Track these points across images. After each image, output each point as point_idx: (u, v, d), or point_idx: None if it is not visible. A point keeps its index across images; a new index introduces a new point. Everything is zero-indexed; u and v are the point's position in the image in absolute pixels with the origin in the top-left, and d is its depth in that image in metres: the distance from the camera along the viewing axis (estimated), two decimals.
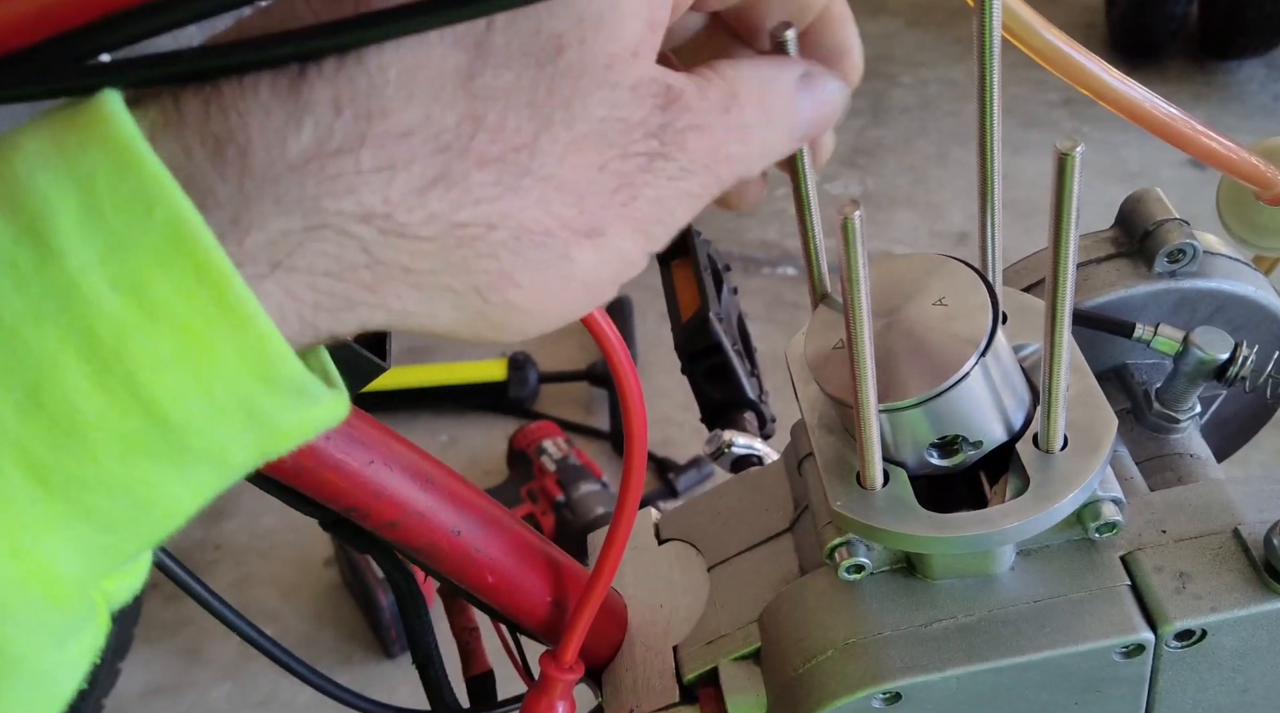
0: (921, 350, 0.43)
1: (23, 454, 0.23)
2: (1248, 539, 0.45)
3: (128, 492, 0.25)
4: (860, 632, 0.47)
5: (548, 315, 0.30)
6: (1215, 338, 0.50)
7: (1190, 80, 2.48)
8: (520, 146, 0.28)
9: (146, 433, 0.24)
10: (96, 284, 0.23)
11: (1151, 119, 0.41)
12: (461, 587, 0.50)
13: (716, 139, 0.31)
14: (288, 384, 0.26)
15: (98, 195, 0.24)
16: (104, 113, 0.24)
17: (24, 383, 0.23)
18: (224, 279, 0.24)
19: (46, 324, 0.23)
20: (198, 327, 0.24)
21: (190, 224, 0.24)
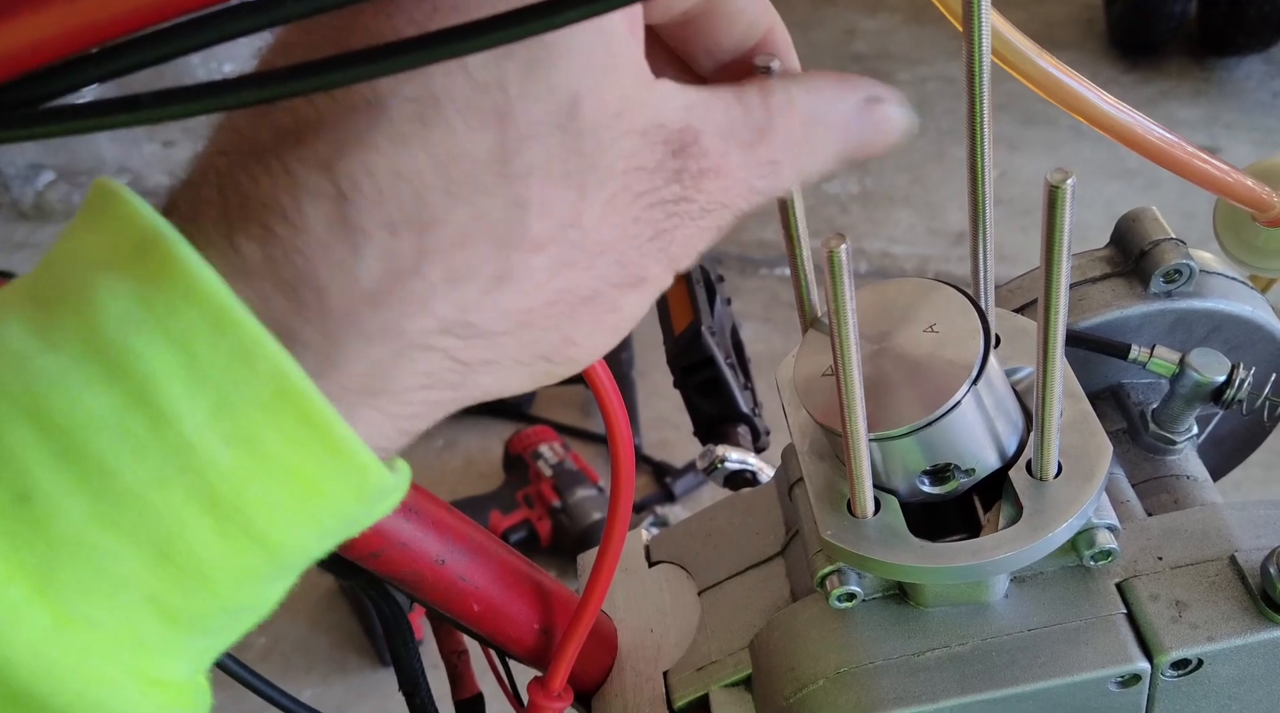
0: (912, 378, 0.42)
1: (155, 603, 0.25)
2: (1244, 567, 0.44)
3: (242, 610, 0.27)
4: (852, 661, 0.46)
5: (601, 353, 0.32)
6: (1212, 360, 0.49)
7: (1189, 77, 2.47)
8: (568, 223, 0.28)
9: (261, 565, 0.26)
10: (211, 443, 0.24)
11: (1145, 143, 0.40)
12: (447, 615, 0.49)
13: (737, 177, 0.31)
14: (383, 494, 0.27)
15: (197, 355, 0.24)
16: (183, 266, 0.24)
17: (153, 542, 0.24)
18: (327, 424, 0.25)
19: (170, 487, 0.24)
20: (307, 470, 0.25)
21: (292, 375, 0.25)
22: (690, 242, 0.31)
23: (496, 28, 0.26)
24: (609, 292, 0.29)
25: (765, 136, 0.31)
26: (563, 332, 0.29)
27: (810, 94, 0.32)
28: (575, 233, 0.28)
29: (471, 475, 1.71)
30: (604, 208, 0.28)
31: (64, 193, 2.38)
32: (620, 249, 0.29)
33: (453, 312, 0.27)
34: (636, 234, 0.29)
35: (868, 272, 2.09)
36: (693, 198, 0.30)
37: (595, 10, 0.26)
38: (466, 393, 0.29)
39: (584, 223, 0.28)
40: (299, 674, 1.45)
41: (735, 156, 0.31)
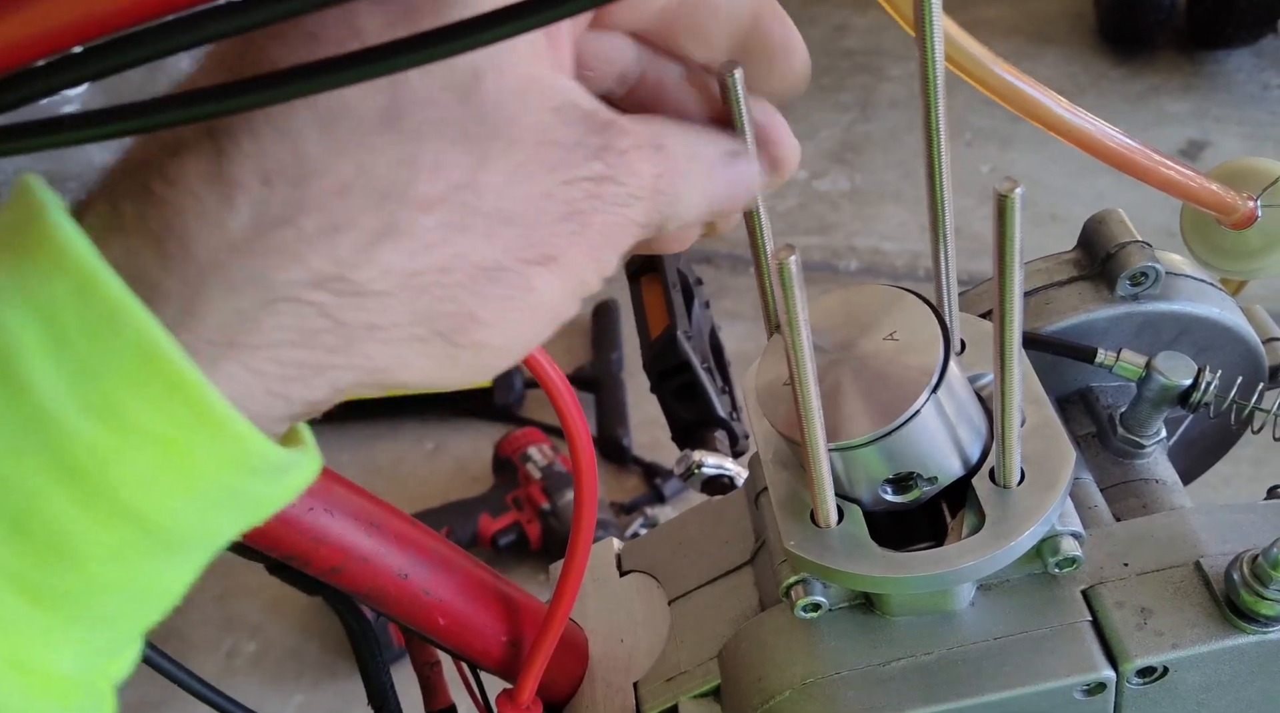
0: (873, 387, 0.42)
1: (13, 578, 0.24)
2: (1209, 573, 0.44)
3: (122, 592, 0.26)
4: (818, 672, 0.46)
5: (516, 346, 0.30)
6: (1178, 363, 0.49)
7: (1179, 70, 2.46)
8: (461, 184, 0.27)
9: (136, 540, 0.25)
10: (69, 412, 0.23)
11: (1106, 150, 0.40)
12: (413, 629, 0.49)
13: (658, 168, 0.30)
14: (268, 467, 0.26)
15: (61, 323, 0.24)
16: (57, 235, 0.24)
17: (7, 515, 0.23)
18: (195, 389, 0.24)
19: (24, 457, 0.23)
20: (176, 439, 0.24)
21: (157, 341, 0.24)
22: (611, 231, 0.30)
23: (433, 42, 0.25)
24: (515, 267, 0.28)
25: (665, 147, 0.31)
26: (462, 304, 0.28)
27: (684, 131, 0.32)
28: (469, 195, 0.27)
29: (461, 479, 1.71)
30: (508, 176, 0.28)
31: None
32: (528, 223, 0.28)
33: (327, 264, 0.26)
34: (547, 210, 0.28)
35: (858, 269, 2.09)
36: (619, 178, 0.29)
37: (529, 25, 0.26)
38: (351, 361, 0.27)
39: (482, 187, 0.27)
40: (289, 680, 1.45)
41: (650, 149, 0.30)
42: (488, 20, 0.25)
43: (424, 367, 0.28)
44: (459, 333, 0.28)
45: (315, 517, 0.43)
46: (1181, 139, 2.29)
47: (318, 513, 0.43)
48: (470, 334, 0.28)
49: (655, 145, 0.31)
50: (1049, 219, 2.08)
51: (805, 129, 2.42)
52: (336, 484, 0.45)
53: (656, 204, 0.31)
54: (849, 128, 2.43)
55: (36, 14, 0.25)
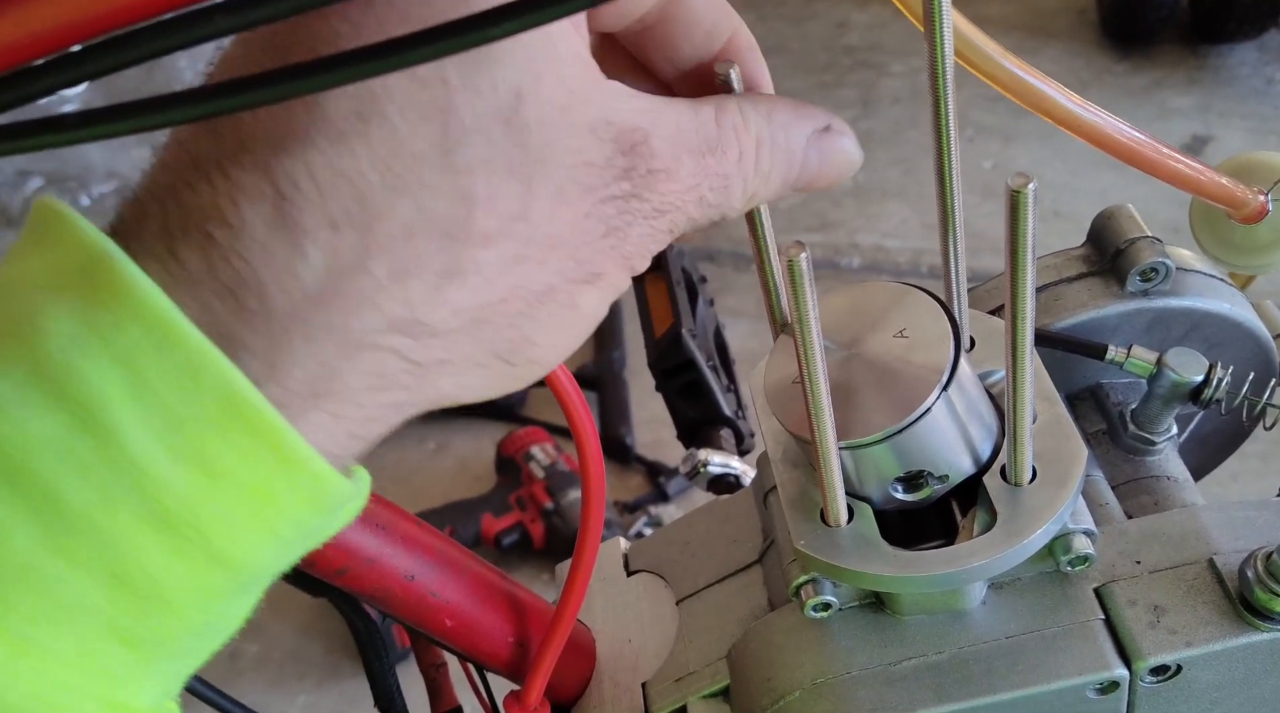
0: (883, 385, 0.42)
1: (112, 627, 0.24)
2: (1222, 570, 0.44)
3: (205, 629, 0.26)
4: (828, 671, 0.45)
5: (561, 356, 0.31)
6: (1189, 359, 0.49)
7: (1182, 64, 2.46)
8: (515, 216, 0.27)
9: (223, 581, 0.25)
10: (159, 461, 0.24)
11: (1116, 144, 0.40)
12: (420, 631, 0.49)
13: (688, 183, 0.31)
14: (340, 502, 0.27)
15: (144, 374, 0.24)
16: (128, 284, 0.24)
17: (106, 566, 0.24)
18: (279, 436, 0.25)
19: (118, 508, 0.24)
20: (261, 484, 0.25)
21: (239, 388, 0.24)
22: (644, 241, 0.31)
23: (440, 37, 0.25)
24: (565, 287, 0.29)
25: (716, 151, 0.31)
26: (520, 330, 0.29)
27: (764, 118, 0.32)
28: (524, 227, 0.27)
29: (464, 478, 1.70)
30: (553, 202, 0.28)
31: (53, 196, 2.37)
32: (574, 244, 0.29)
33: (401, 309, 0.26)
34: (589, 229, 0.29)
35: (860, 266, 2.09)
36: (644, 196, 0.30)
37: (535, 21, 0.25)
38: (423, 396, 0.28)
39: (532, 216, 0.28)
40: (292, 682, 1.45)
41: (686, 163, 0.30)
42: (500, 14, 0.25)
43: (483, 387, 0.29)
44: (515, 354, 0.29)
45: None
46: (1185, 134, 2.28)
47: None
48: (525, 354, 0.29)
49: (699, 151, 0.31)
50: (1052, 215, 2.08)
51: None
52: None
53: (691, 214, 0.31)
54: (851, 124, 2.40)
55: (34, 13, 0.25)
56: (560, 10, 0.25)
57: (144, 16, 0.25)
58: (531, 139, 0.27)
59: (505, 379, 0.30)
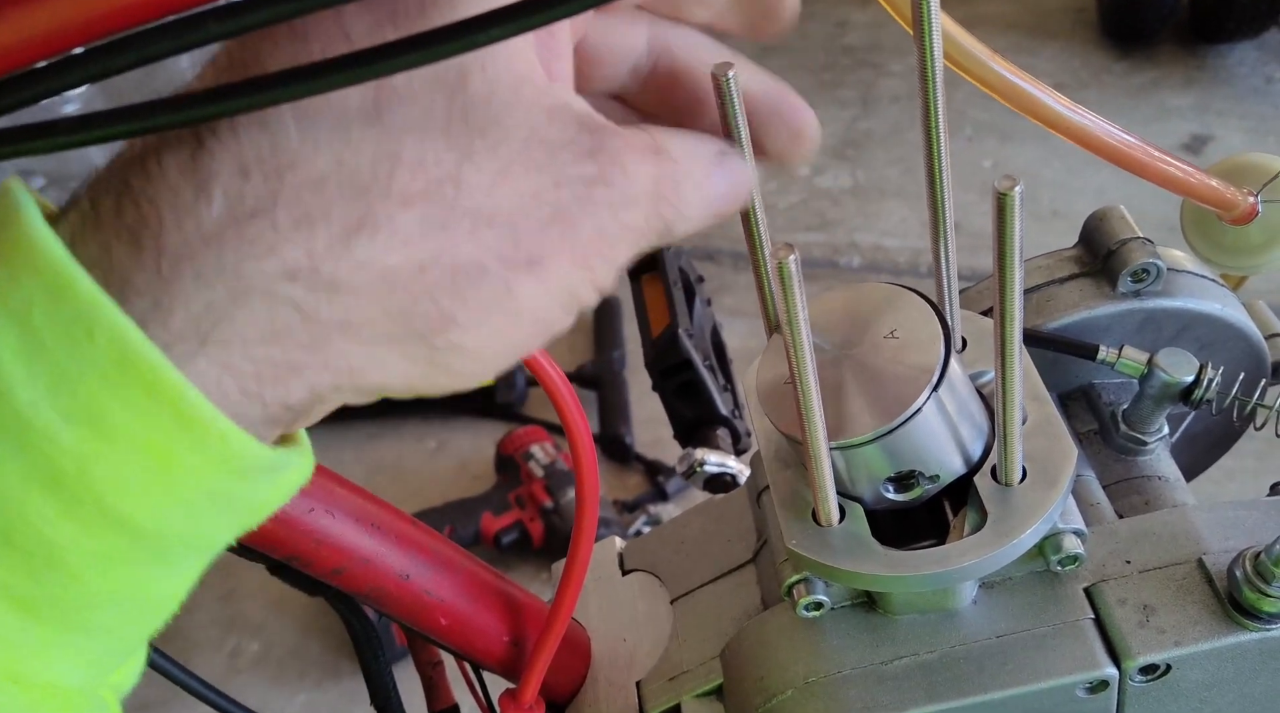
0: (873, 385, 0.42)
1: (4, 590, 0.24)
2: (1212, 570, 0.44)
3: (117, 600, 0.25)
4: (820, 670, 0.46)
5: (498, 354, 0.29)
6: (1180, 360, 0.49)
7: (1182, 64, 2.46)
8: (443, 179, 0.26)
9: (125, 546, 0.25)
10: (49, 418, 0.23)
11: (1105, 147, 0.40)
12: (415, 630, 0.49)
13: (657, 170, 0.30)
14: (257, 467, 0.26)
15: (36, 327, 0.23)
16: (30, 235, 0.24)
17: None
18: (175, 390, 0.24)
19: (5, 466, 0.23)
20: (158, 442, 0.24)
21: (134, 343, 0.24)
22: (605, 238, 0.29)
23: (425, 44, 0.25)
24: (497, 268, 0.27)
25: (661, 152, 0.30)
26: (440, 305, 0.27)
27: (677, 134, 0.31)
28: (451, 190, 0.26)
29: (464, 477, 1.71)
30: (494, 175, 0.27)
31: (55, 198, 2.37)
32: (513, 222, 0.27)
33: (299, 256, 0.25)
34: (533, 211, 0.27)
35: (860, 265, 2.09)
36: (611, 179, 0.28)
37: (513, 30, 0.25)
38: (327, 361, 0.26)
39: (465, 183, 0.27)
40: (292, 680, 1.45)
41: (647, 154, 0.30)
42: (480, 22, 0.25)
43: (401, 370, 0.27)
44: (435, 334, 0.27)
45: (316, 518, 0.43)
46: (1184, 133, 2.29)
47: (318, 514, 0.43)
48: (447, 335, 0.27)
49: (653, 148, 0.30)
50: (1050, 215, 2.08)
51: None
52: (337, 485, 0.45)
53: (658, 209, 0.30)
54: (850, 124, 2.42)
55: (36, 15, 0.25)
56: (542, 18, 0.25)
57: (138, 21, 0.25)
58: (475, 113, 0.27)
59: (427, 366, 0.27)
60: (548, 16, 0.25)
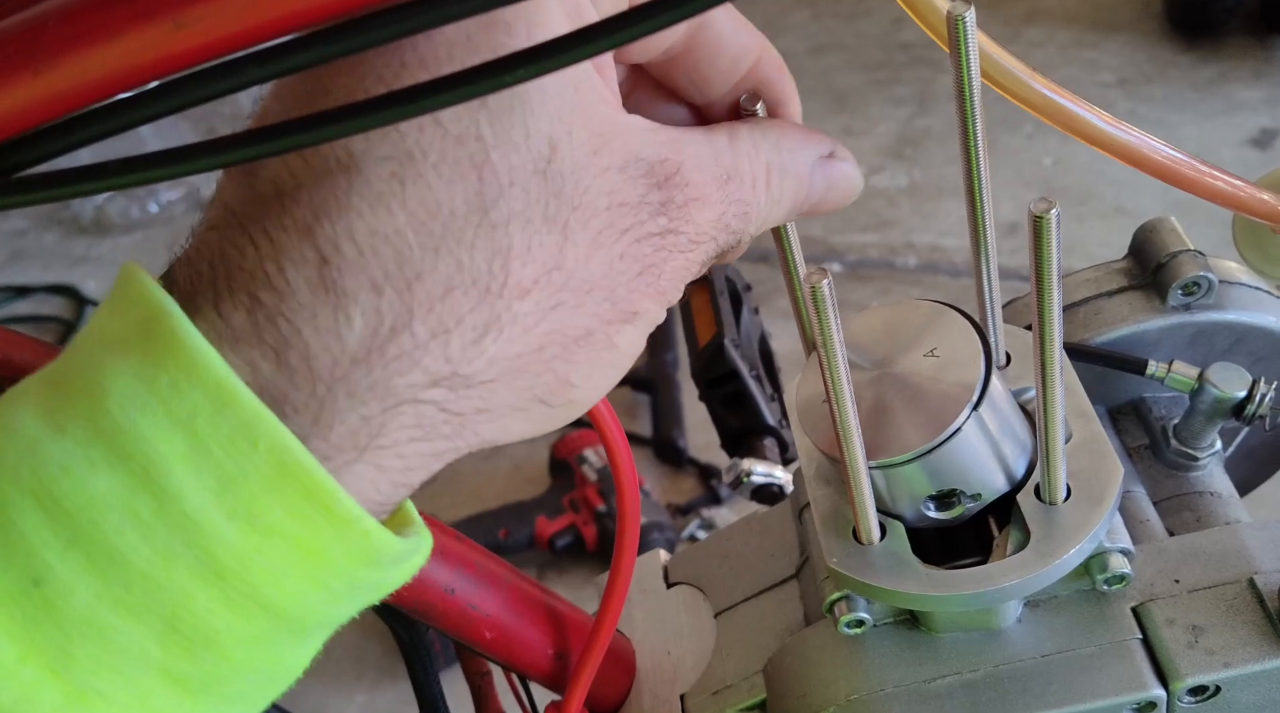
0: (913, 404, 0.42)
1: (166, 672, 0.26)
2: (1263, 590, 0.43)
3: (257, 673, 0.27)
4: (862, 688, 0.46)
5: (602, 392, 0.31)
6: (1232, 375, 0.48)
7: (1251, 56, 2.40)
8: (551, 265, 0.28)
9: (272, 628, 0.26)
10: (215, 520, 0.25)
11: (1151, 163, 0.39)
12: (461, 642, 0.50)
13: (718, 211, 0.31)
14: (390, 559, 0.28)
15: (201, 436, 0.25)
16: (189, 346, 0.25)
17: (161, 617, 0.25)
18: (328, 495, 0.26)
19: (176, 564, 0.25)
20: (309, 539, 0.26)
21: (293, 450, 0.25)
22: (679, 274, 0.31)
23: (464, 83, 0.26)
24: (602, 329, 0.30)
25: (735, 177, 0.32)
26: (557, 373, 0.29)
27: (774, 144, 0.33)
28: (560, 275, 0.28)
29: (518, 481, 1.72)
30: (589, 247, 0.28)
31: (122, 207, 2.44)
32: (610, 286, 0.29)
33: (441, 364, 0.27)
34: (625, 270, 0.29)
35: (917, 266, 2.07)
36: (680, 229, 0.30)
37: (555, 65, 0.26)
38: (464, 442, 0.29)
39: (568, 263, 0.28)
40: (349, 681, 1.48)
41: (713, 190, 0.31)
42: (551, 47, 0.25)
43: (523, 429, 0.30)
44: (554, 396, 0.30)
45: None
46: (1253, 128, 2.23)
47: None
48: (564, 396, 0.30)
49: (722, 180, 0.31)
50: (1114, 212, 2.04)
51: (862, 124, 2.40)
52: None
53: (719, 241, 0.32)
54: (907, 122, 2.40)
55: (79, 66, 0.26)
56: (586, 52, 0.25)
57: (181, 67, 0.26)
58: (566, 187, 0.28)
59: (545, 420, 0.30)
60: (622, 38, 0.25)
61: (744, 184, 0.32)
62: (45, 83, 0.26)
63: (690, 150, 0.31)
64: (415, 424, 0.27)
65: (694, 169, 0.31)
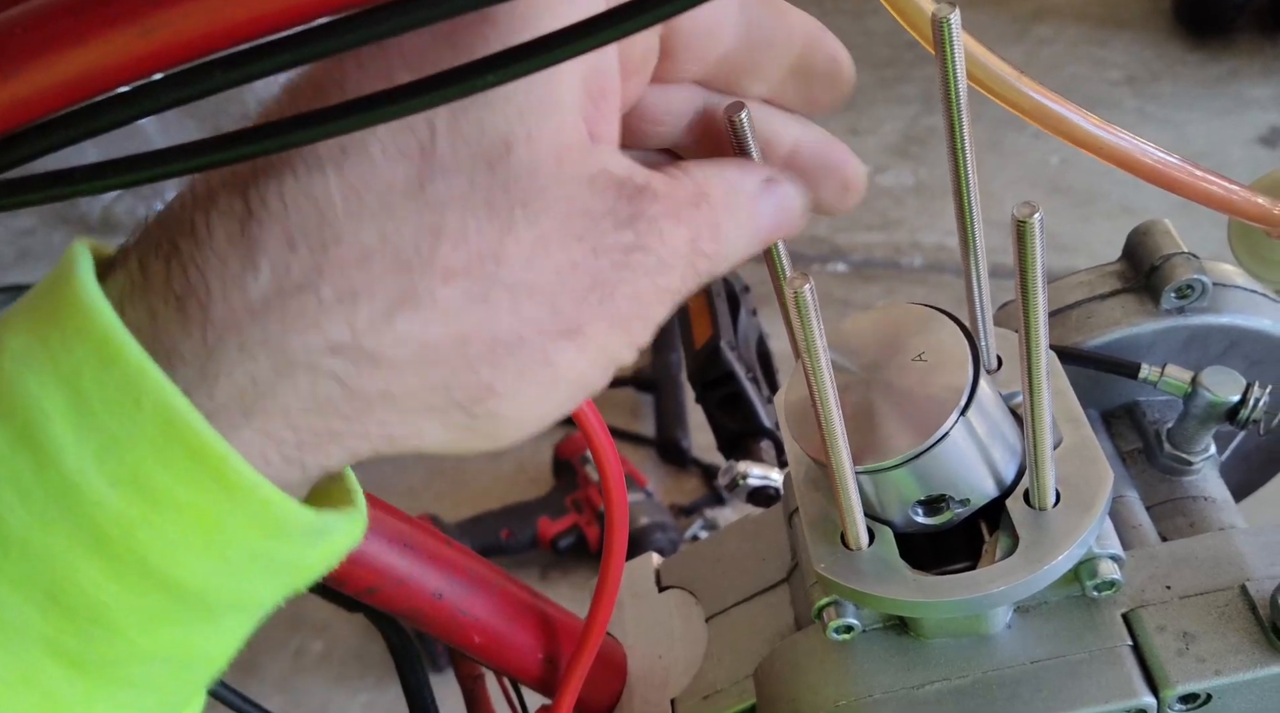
0: (901, 409, 0.41)
1: (52, 646, 0.24)
2: (1255, 597, 0.43)
3: (164, 657, 0.26)
4: (851, 694, 0.45)
5: (536, 418, 0.29)
6: (1225, 379, 0.48)
7: (1260, 54, 2.38)
8: (485, 254, 0.27)
9: (170, 606, 0.25)
10: (96, 483, 0.24)
11: (1142, 166, 0.39)
12: (451, 646, 0.50)
13: (692, 232, 0.30)
14: (300, 531, 0.26)
15: (86, 393, 0.24)
16: (81, 297, 0.24)
17: (41, 585, 0.24)
18: (219, 459, 0.24)
19: (54, 529, 0.24)
20: (201, 506, 0.25)
21: (179, 411, 0.24)
22: (641, 298, 0.29)
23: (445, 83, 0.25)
24: (536, 339, 0.28)
25: (703, 199, 0.30)
26: (479, 375, 0.27)
27: (720, 169, 0.32)
28: (493, 266, 0.27)
29: (521, 481, 1.72)
30: (534, 244, 0.27)
31: (130, 206, 2.44)
32: (552, 293, 0.27)
33: (343, 331, 0.26)
34: (573, 281, 0.28)
35: (922, 265, 2.06)
36: (649, 246, 0.29)
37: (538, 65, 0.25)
38: (365, 430, 0.27)
39: (507, 257, 0.27)
40: (353, 680, 1.48)
41: (685, 210, 0.30)
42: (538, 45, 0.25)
43: (440, 436, 0.28)
44: (475, 403, 0.27)
45: None
46: (1262, 126, 2.21)
47: None
48: (486, 404, 0.28)
49: (694, 201, 0.30)
50: (1120, 212, 2.03)
51: (868, 123, 2.39)
52: (370, 506, 0.46)
53: (695, 266, 0.30)
54: (913, 121, 2.39)
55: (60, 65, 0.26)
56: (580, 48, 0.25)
57: (149, 72, 0.26)
58: (518, 185, 0.27)
59: (464, 431, 0.28)
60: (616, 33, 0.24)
61: (713, 206, 0.31)
62: (11, 89, 0.26)
63: (659, 176, 0.30)
64: (310, 393, 0.26)
65: (665, 188, 0.30)
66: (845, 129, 2.37)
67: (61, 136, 0.26)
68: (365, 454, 0.28)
